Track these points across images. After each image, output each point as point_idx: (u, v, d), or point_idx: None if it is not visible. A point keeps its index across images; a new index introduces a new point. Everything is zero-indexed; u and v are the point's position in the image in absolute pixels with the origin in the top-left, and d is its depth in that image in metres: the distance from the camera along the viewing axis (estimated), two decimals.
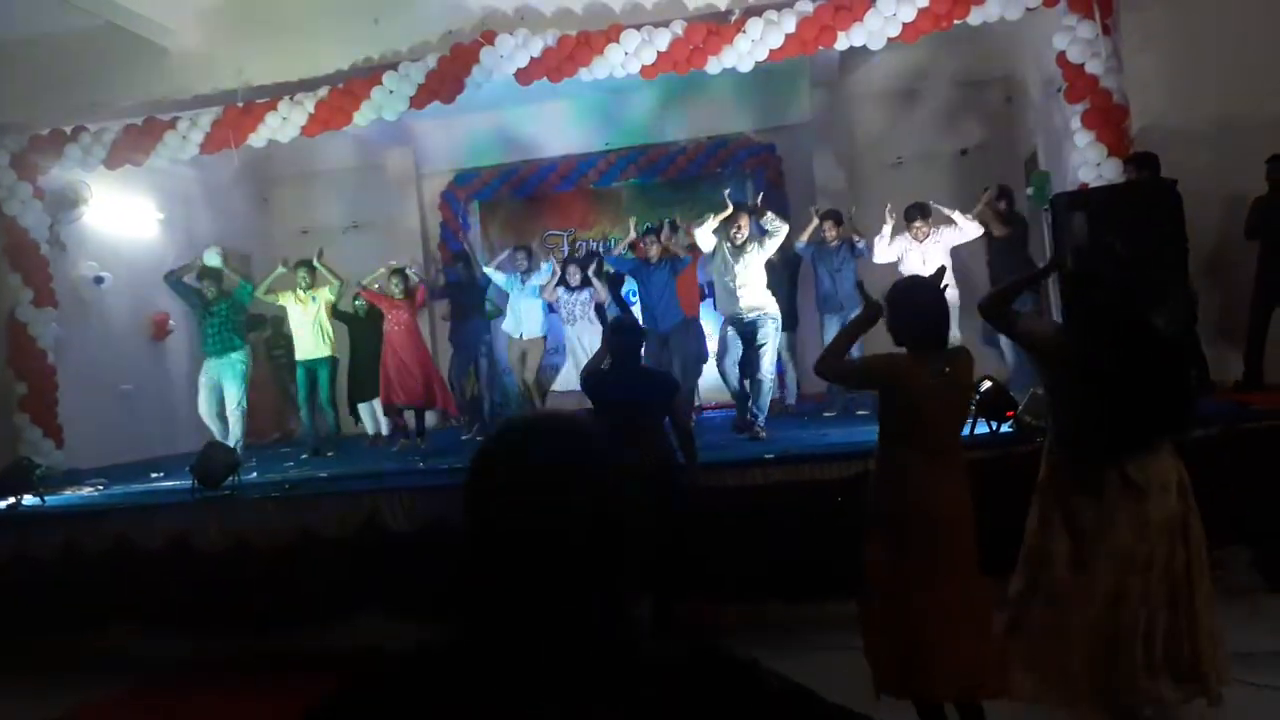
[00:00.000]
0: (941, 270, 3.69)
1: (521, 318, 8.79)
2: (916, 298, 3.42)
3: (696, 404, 8.69)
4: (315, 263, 8.63)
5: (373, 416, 9.38)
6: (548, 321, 9.00)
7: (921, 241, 7.60)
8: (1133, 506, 3.34)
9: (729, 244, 7.25)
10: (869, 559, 3.30)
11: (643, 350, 5.05)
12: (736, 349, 7.21)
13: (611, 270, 8.88)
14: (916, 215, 7.67)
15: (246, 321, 9.79)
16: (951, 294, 6.93)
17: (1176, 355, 3.65)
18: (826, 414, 8.01)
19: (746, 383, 7.23)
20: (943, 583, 3.17)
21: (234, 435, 8.07)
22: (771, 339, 7.07)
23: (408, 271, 8.65)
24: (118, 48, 8.25)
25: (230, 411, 8.18)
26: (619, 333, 4.87)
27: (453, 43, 7.78)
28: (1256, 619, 4.22)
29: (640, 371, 4.92)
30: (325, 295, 8.59)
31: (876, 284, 3.69)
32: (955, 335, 5.23)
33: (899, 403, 3.31)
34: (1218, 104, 6.76)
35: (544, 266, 8.89)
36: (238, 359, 8.21)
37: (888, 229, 7.78)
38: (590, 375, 4.91)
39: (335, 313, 8.81)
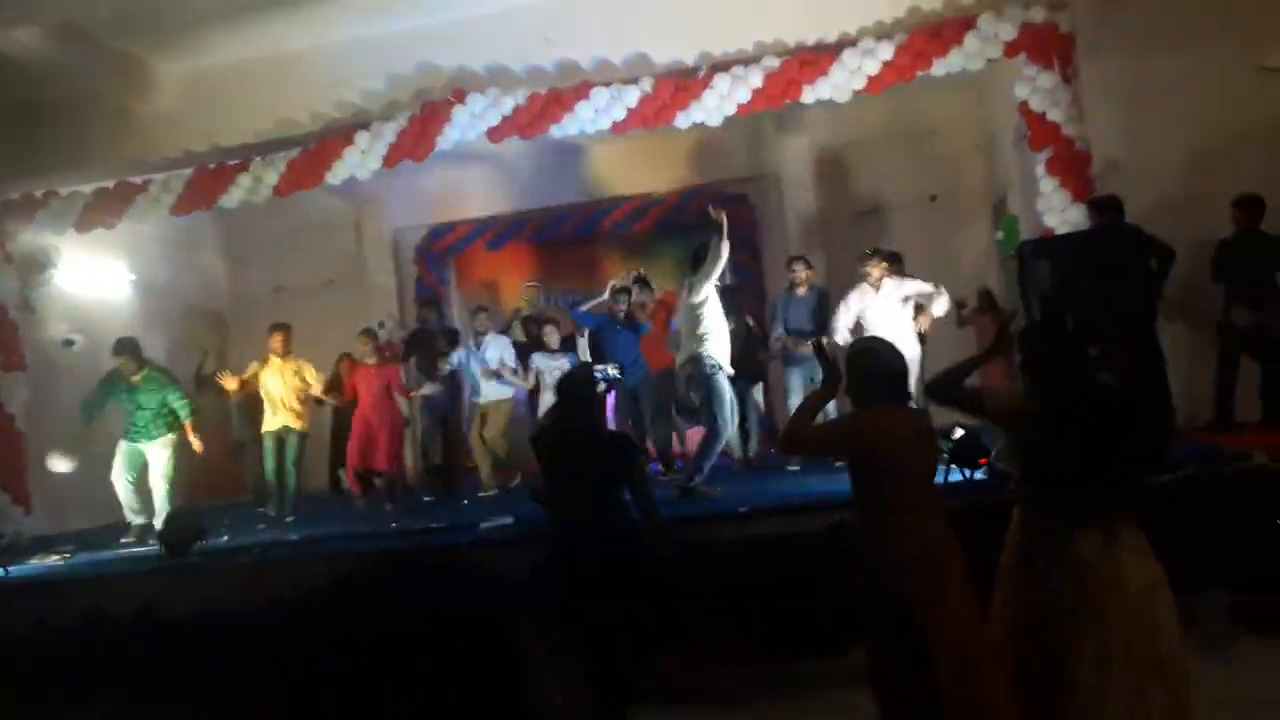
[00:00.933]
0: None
1: (479, 381, 8.53)
2: (877, 358, 3.43)
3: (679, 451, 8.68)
4: (379, 330, 8.75)
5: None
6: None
7: (878, 289, 7.35)
8: (1112, 572, 3.30)
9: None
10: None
11: (608, 404, 4.77)
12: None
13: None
14: (866, 259, 7.43)
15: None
16: (915, 351, 7.06)
17: (1140, 409, 3.64)
18: (790, 467, 7.71)
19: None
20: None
21: (159, 505, 7.54)
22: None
23: (376, 330, 8.59)
24: (88, 112, 8.26)
25: (156, 483, 7.61)
26: (570, 385, 4.32)
27: (424, 101, 7.84)
28: (1234, 666, 4.19)
29: (594, 432, 4.31)
30: (306, 371, 8.24)
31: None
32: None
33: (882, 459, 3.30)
34: (1178, 149, 6.90)
35: (487, 340, 8.55)
36: (168, 440, 7.67)
37: (842, 308, 7.45)
38: (540, 434, 4.49)
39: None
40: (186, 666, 5.30)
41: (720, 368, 6.40)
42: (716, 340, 6.47)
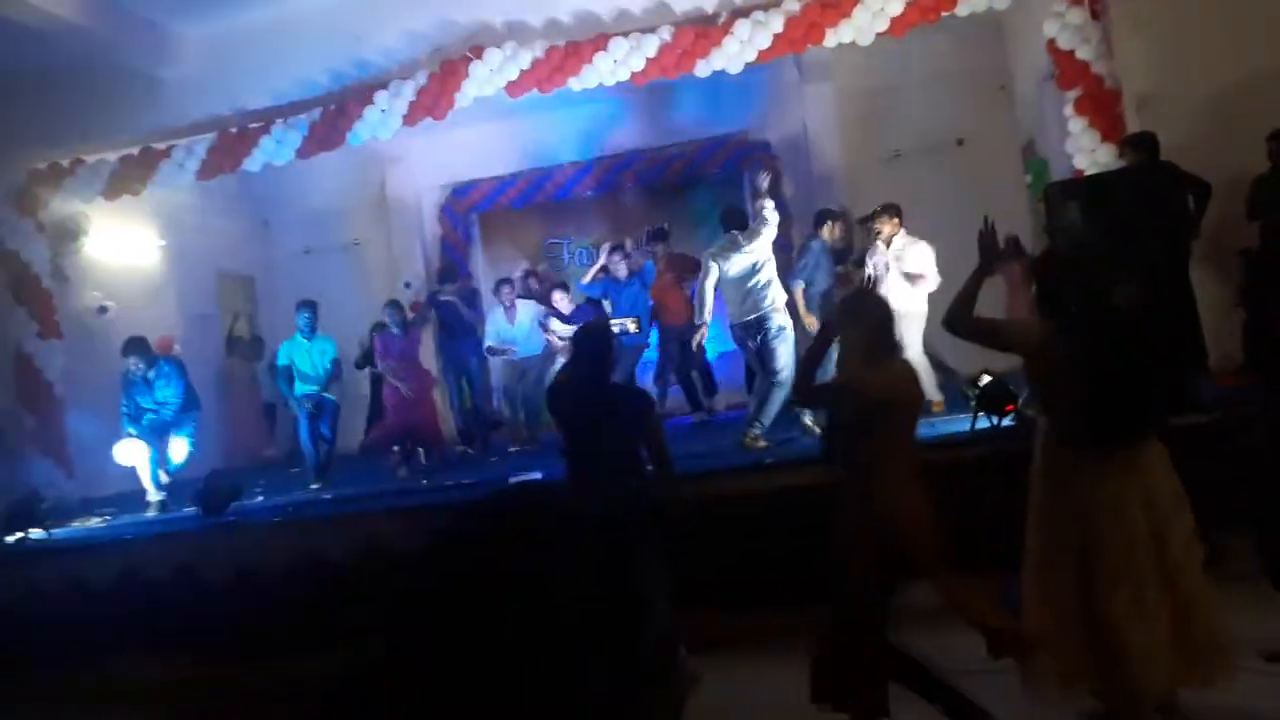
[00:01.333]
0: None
1: (514, 339, 8.59)
2: (874, 309, 3.50)
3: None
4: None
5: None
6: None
7: (889, 245, 7.05)
8: (1135, 491, 3.35)
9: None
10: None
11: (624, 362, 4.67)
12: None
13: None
14: (883, 214, 7.11)
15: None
16: (921, 306, 6.90)
17: (1163, 337, 3.67)
18: None
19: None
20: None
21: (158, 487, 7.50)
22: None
23: (400, 300, 8.62)
24: (111, 79, 8.29)
25: (178, 456, 7.61)
26: (584, 341, 4.29)
27: (442, 59, 7.79)
28: (1261, 605, 4.17)
29: (609, 387, 4.33)
30: (330, 351, 8.14)
31: None
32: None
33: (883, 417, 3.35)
34: (1209, 85, 6.70)
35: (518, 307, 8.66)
36: (191, 417, 7.71)
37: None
38: (555, 392, 4.46)
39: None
40: (223, 622, 5.44)
41: (785, 327, 6.48)
42: (778, 298, 6.55)
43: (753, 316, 6.51)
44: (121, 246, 9.80)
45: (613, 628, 1.00)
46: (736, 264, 6.60)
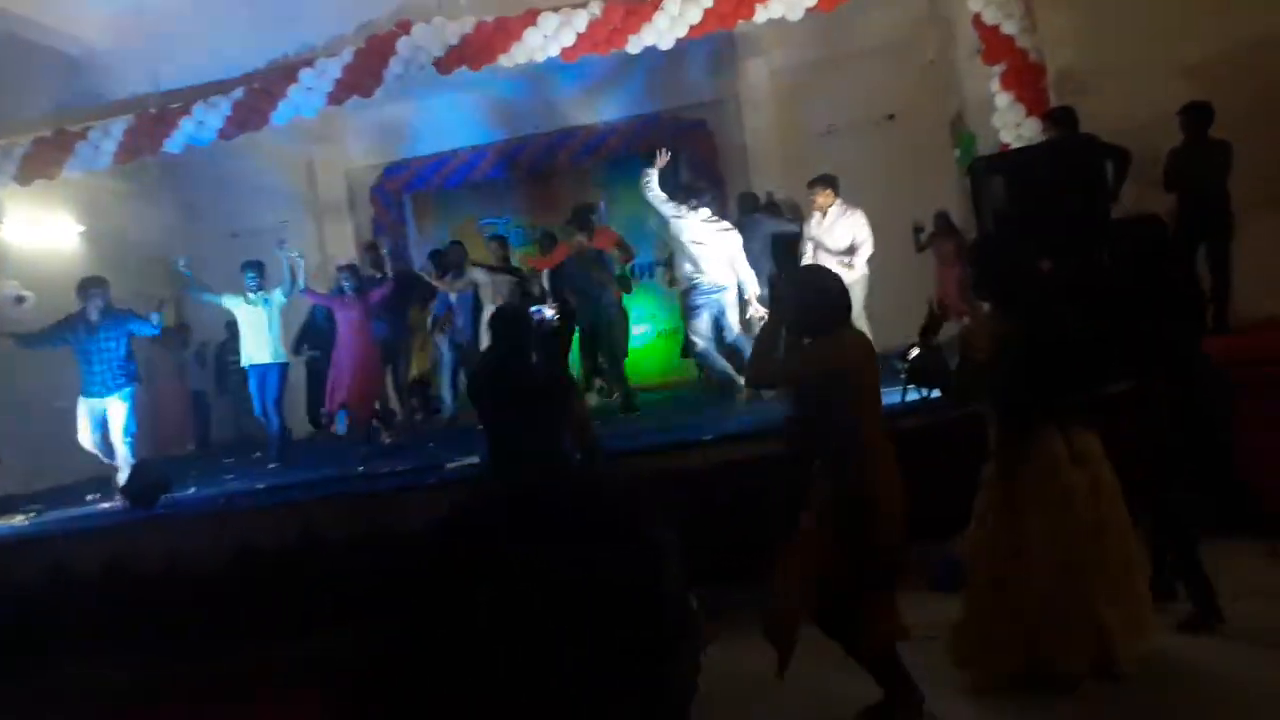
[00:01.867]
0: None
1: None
2: (824, 283, 3.49)
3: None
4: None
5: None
6: None
7: (824, 216, 7.34)
8: (1069, 473, 3.56)
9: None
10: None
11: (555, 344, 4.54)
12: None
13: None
14: (819, 185, 7.37)
15: (169, 335, 9.55)
16: (860, 273, 7.07)
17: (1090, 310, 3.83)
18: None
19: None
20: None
21: (121, 461, 7.21)
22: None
23: (356, 266, 8.45)
24: (21, 58, 7.99)
25: (117, 440, 7.22)
26: (501, 324, 4.17)
27: (368, 35, 7.64)
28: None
29: (528, 371, 4.15)
30: (277, 298, 8.05)
31: None
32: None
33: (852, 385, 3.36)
34: (1130, 57, 6.83)
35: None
36: (127, 393, 7.30)
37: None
38: (473, 378, 4.36)
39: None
40: (154, 618, 5.33)
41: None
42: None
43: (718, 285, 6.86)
44: (39, 233, 9.45)
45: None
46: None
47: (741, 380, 6.75)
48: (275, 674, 5.07)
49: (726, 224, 7.15)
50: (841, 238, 7.29)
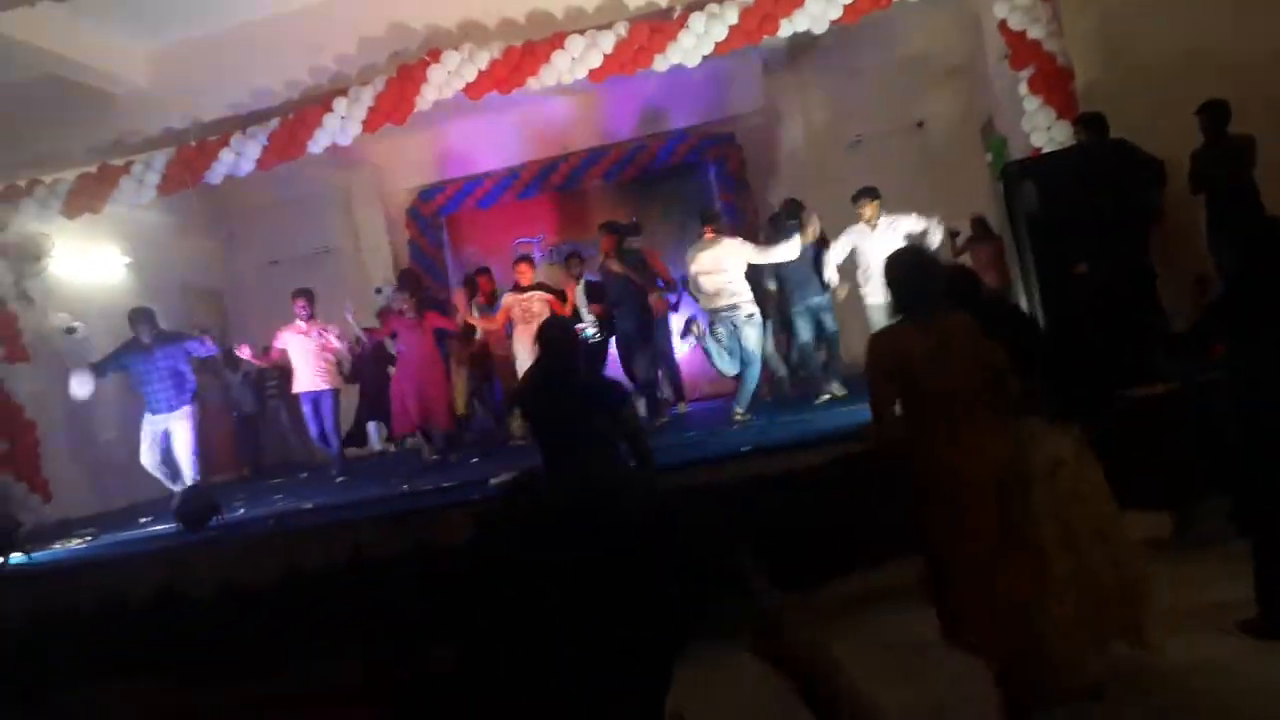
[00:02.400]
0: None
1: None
2: (903, 263, 3.59)
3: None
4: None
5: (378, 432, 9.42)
6: None
7: (874, 228, 7.24)
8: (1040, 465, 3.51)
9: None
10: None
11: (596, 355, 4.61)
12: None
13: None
14: (864, 197, 7.33)
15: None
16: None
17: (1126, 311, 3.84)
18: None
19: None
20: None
21: (187, 478, 7.60)
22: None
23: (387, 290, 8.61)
24: (64, 97, 8.22)
25: (183, 457, 7.63)
26: (550, 335, 4.26)
27: (399, 63, 7.78)
28: (1229, 572, 4.28)
29: (580, 380, 4.26)
30: (329, 333, 8.29)
31: None
32: None
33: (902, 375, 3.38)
34: (1158, 61, 6.79)
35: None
36: (186, 412, 7.67)
37: (835, 246, 7.48)
38: (522, 389, 4.39)
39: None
40: (208, 640, 5.44)
41: (754, 314, 7.14)
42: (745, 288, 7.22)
43: (725, 304, 7.08)
44: (86, 266, 9.72)
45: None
46: (709, 258, 7.16)
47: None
48: (327, 694, 5.18)
49: (729, 243, 7.30)
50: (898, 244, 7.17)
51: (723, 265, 7.16)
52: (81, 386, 7.53)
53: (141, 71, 8.34)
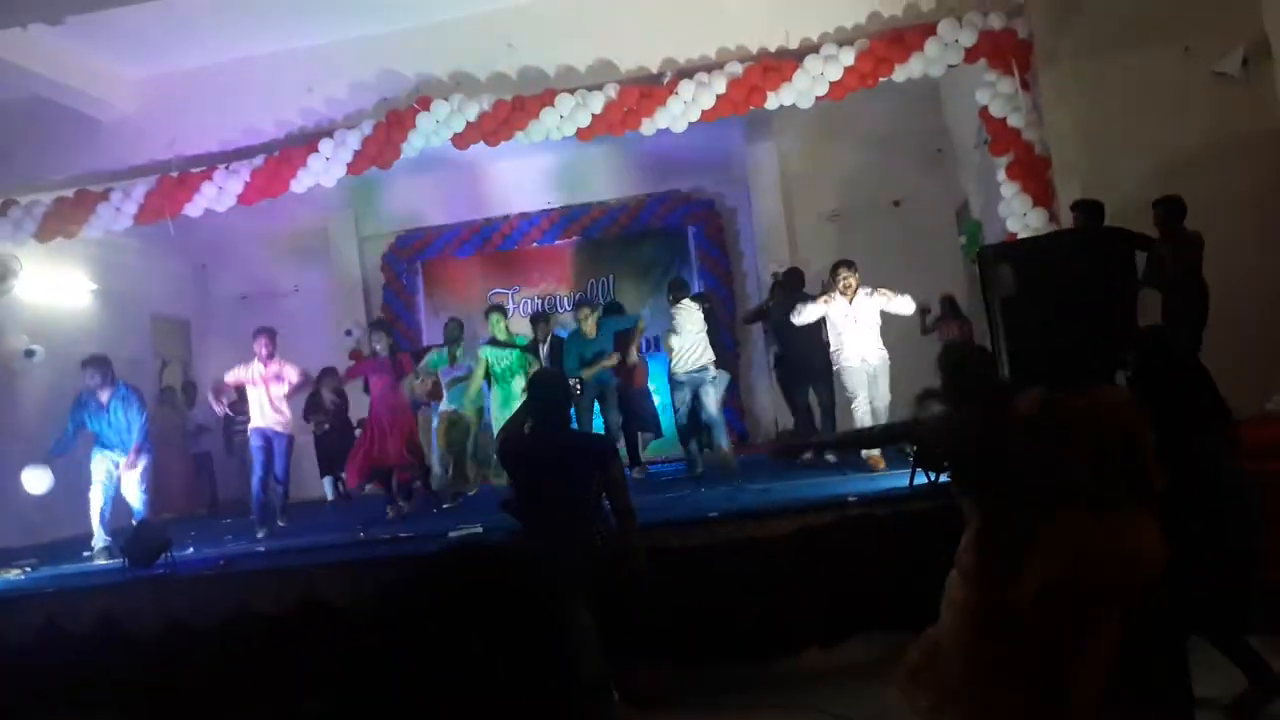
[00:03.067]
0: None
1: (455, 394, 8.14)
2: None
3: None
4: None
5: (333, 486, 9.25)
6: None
7: (851, 300, 7.20)
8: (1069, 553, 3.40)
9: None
10: None
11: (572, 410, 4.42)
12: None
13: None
14: (842, 269, 7.29)
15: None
16: (881, 354, 7.15)
17: None
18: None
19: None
20: None
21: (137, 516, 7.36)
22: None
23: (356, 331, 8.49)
24: (47, 120, 8.17)
25: (132, 494, 7.41)
26: (540, 387, 4.16)
27: (388, 109, 7.83)
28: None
29: (567, 434, 4.16)
30: (290, 374, 7.99)
31: None
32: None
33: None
34: (1134, 152, 6.97)
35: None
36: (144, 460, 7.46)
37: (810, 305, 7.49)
38: (508, 441, 4.23)
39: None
40: (149, 678, 5.26)
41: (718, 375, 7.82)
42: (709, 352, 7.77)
43: (697, 367, 7.51)
44: (52, 289, 9.56)
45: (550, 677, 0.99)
46: (686, 324, 7.60)
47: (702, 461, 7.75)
48: None
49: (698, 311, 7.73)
50: (872, 317, 7.22)
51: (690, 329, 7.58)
52: (37, 483, 7.32)
53: (128, 99, 8.32)
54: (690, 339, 7.56)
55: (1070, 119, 7.17)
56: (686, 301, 7.76)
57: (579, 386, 7.37)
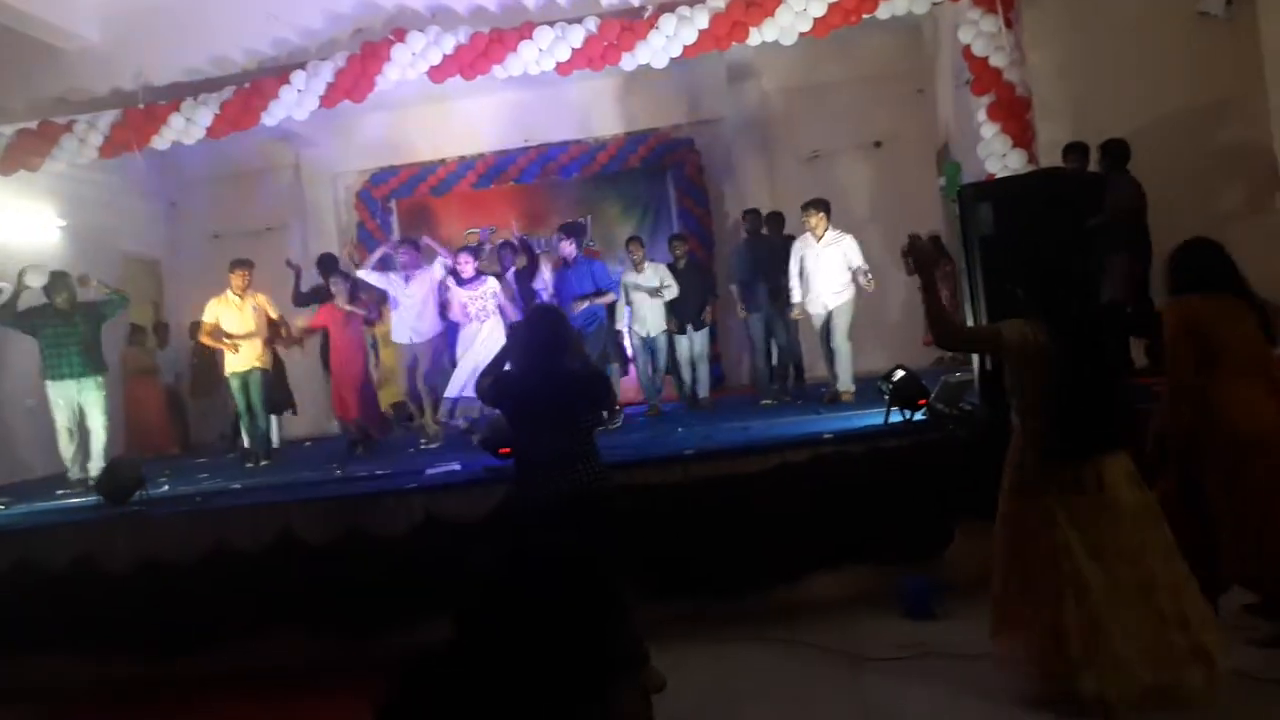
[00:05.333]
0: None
1: (408, 320, 8.00)
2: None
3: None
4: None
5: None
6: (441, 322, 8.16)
7: (819, 239, 7.43)
8: (1117, 499, 3.46)
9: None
10: None
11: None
12: None
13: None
14: (811, 209, 7.47)
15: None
16: (841, 298, 7.28)
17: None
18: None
19: None
20: None
21: (98, 452, 7.44)
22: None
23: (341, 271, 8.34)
24: (10, 49, 7.92)
25: (96, 427, 7.49)
26: (538, 322, 4.04)
27: (363, 41, 7.65)
28: None
29: (562, 371, 3.92)
30: (267, 307, 8.03)
31: None
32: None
33: None
34: (1115, 93, 6.95)
35: (435, 264, 8.03)
36: (101, 382, 7.54)
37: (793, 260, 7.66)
38: (494, 380, 3.98)
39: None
40: (123, 615, 5.26)
41: None
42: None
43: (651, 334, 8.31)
44: (18, 224, 9.34)
45: (575, 624, 0.96)
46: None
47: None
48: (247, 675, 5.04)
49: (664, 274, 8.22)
50: (836, 263, 7.37)
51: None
52: None
53: (93, 27, 8.07)
54: (645, 308, 8.15)
55: (1051, 59, 7.14)
56: (650, 264, 8.24)
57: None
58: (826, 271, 7.41)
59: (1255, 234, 6.41)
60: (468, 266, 7.84)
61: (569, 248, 7.99)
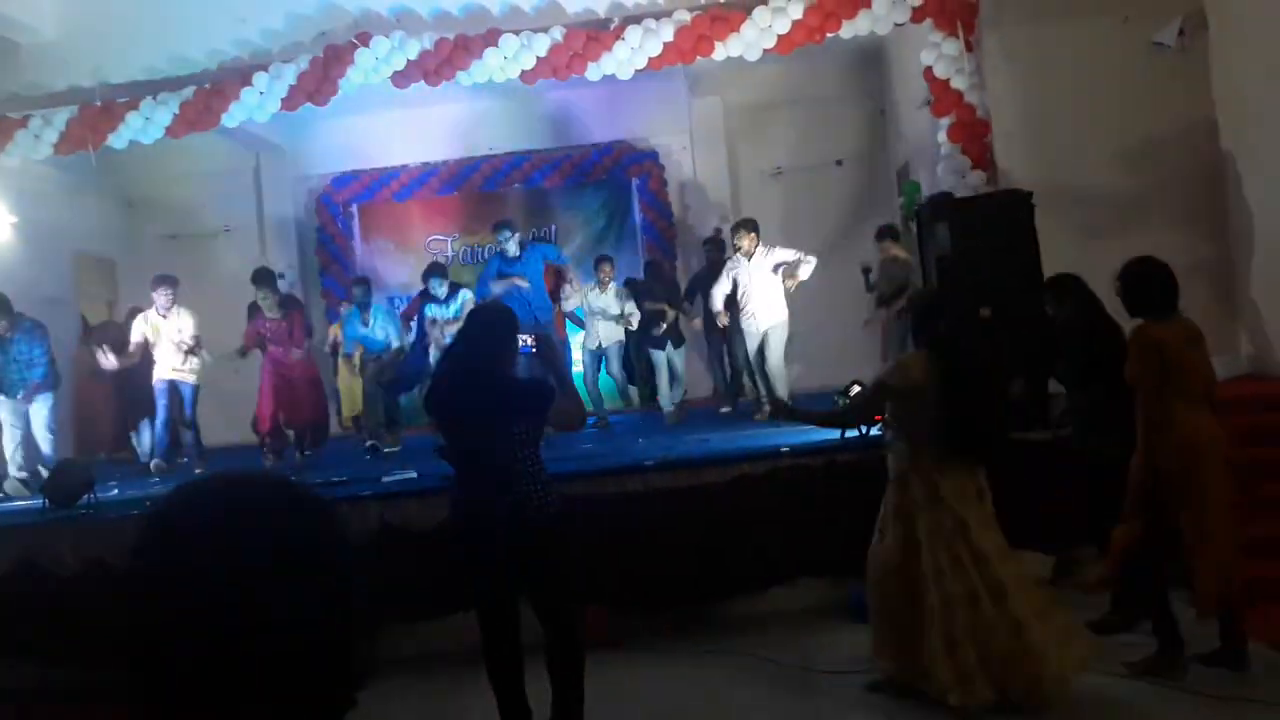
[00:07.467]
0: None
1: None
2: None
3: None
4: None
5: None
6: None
7: (749, 259, 7.50)
8: (968, 512, 3.77)
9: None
10: None
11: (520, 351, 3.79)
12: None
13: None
14: (742, 229, 7.59)
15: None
16: (775, 317, 7.35)
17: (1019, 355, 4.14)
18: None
19: None
20: None
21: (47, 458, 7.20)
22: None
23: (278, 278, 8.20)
24: None
25: (40, 437, 7.28)
26: (483, 321, 3.72)
27: (326, 44, 7.60)
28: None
29: (497, 376, 3.57)
30: (186, 325, 7.77)
31: None
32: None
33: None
34: (1072, 118, 7.08)
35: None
36: (48, 398, 7.35)
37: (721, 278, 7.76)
38: (436, 388, 3.70)
39: None
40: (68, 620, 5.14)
41: None
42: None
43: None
44: None
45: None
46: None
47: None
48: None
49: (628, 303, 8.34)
50: (771, 283, 7.45)
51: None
52: None
53: (50, 22, 7.93)
54: (600, 326, 8.38)
55: (1011, 83, 7.24)
56: (613, 286, 8.41)
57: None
58: (760, 292, 7.45)
59: (1201, 260, 6.57)
60: (441, 289, 8.04)
61: (512, 245, 8.08)
